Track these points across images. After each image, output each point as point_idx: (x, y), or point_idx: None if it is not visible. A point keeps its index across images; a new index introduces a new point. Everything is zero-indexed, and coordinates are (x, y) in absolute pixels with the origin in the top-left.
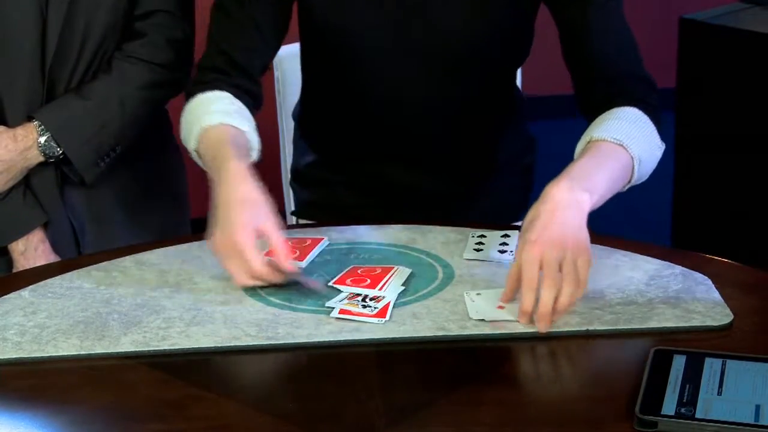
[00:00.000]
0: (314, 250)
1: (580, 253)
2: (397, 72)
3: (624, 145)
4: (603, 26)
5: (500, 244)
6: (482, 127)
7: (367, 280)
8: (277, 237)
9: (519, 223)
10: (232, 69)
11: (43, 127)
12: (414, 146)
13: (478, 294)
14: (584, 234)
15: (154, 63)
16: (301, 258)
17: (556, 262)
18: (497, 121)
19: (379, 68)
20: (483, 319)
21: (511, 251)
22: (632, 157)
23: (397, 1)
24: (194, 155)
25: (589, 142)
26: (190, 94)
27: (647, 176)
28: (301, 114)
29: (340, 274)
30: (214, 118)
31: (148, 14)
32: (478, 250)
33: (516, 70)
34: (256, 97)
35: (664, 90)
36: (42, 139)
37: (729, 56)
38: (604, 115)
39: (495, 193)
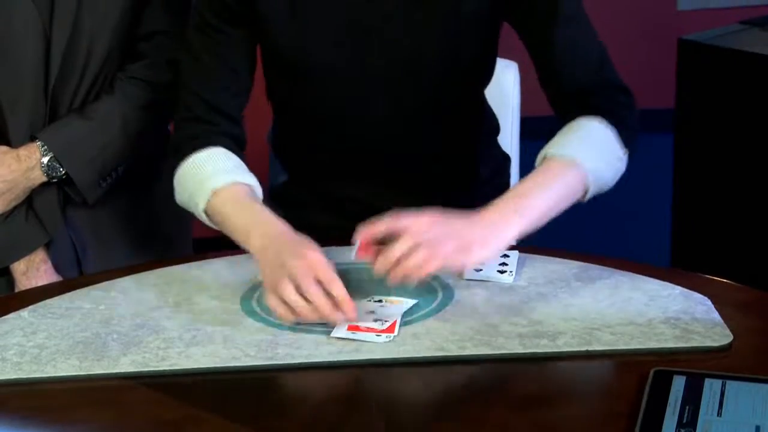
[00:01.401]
0: None
1: (452, 256)
2: (358, 93)
3: (576, 160)
4: (567, 43)
5: (500, 264)
6: (451, 146)
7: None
8: (338, 283)
9: None
10: (215, 115)
11: (46, 147)
12: (383, 166)
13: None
14: (476, 252)
15: (155, 83)
16: None
17: (429, 239)
18: (467, 140)
19: (340, 91)
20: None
21: (511, 271)
22: (585, 173)
23: (353, 23)
24: (203, 217)
25: (543, 159)
26: (179, 152)
27: (610, 185)
28: (273, 135)
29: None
30: (221, 179)
31: (151, 35)
32: (477, 270)
33: (482, 89)
34: (241, 141)
35: (663, 111)
36: (45, 160)
37: (728, 77)
38: (562, 129)
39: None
